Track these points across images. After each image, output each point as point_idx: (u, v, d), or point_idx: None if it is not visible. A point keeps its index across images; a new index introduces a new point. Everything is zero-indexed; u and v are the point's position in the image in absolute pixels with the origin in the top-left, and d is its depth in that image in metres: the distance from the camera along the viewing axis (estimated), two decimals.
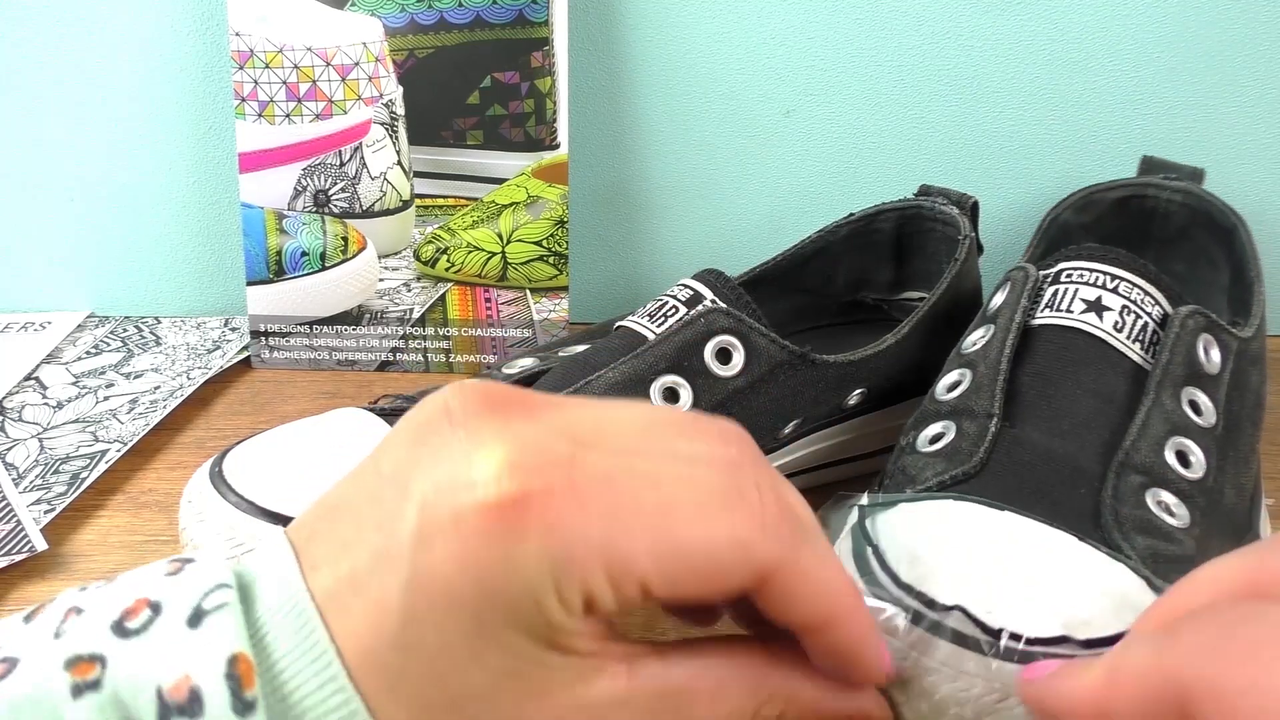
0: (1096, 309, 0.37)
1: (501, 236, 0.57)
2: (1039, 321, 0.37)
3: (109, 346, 0.59)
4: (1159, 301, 0.37)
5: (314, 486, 0.25)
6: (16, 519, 0.43)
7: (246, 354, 0.58)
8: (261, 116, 0.55)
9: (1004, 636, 0.26)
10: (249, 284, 0.57)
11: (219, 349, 0.59)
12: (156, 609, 0.21)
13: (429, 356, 0.58)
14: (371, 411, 0.42)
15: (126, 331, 0.61)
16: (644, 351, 0.39)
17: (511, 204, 0.56)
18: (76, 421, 0.51)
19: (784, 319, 0.50)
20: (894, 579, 0.28)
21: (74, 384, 0.55)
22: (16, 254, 0.62)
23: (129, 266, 0.63)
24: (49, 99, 0.59)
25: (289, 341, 0.58)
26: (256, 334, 0.58)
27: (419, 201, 0.57)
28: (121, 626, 0.21)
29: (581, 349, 0.42)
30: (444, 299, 0.58)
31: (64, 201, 0.61)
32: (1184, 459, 0.33)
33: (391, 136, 0.56)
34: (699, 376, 0.39)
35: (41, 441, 0.49)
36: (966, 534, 0.30)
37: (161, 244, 0.63)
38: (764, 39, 0.58)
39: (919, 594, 0.28)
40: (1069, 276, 0.38)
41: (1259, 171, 0.59)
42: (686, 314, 0.41)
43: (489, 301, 0.58)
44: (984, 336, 0.38)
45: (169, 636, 0.21)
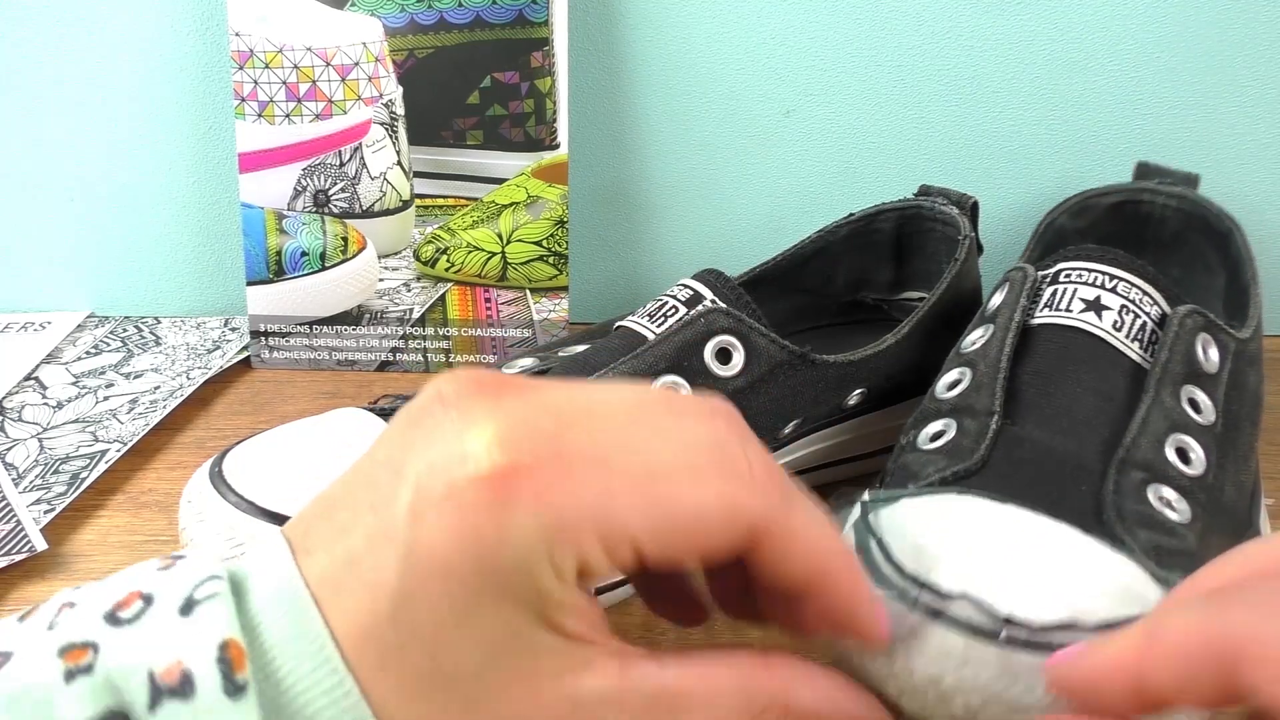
0: (1096, 308, 0.37)
1: (501, 236, 0.57)
2: (1038, 321, 0.38)
3: (109, 346, 0.60)
4: (1157, 301, 0.37)
5: (313, 487, 0.26)
6: (16, 519, 0.43)
7: (246, 354, 0.58)
8: (261, 116, 0.55)
9: (1012, 623, 0.26)
10: (249, 284, 0.57)
11: (219, 349, 0.59)
12: (148, 600, 0.22)
13: (429, 356, 0.58)
14: (371, 411, 0.42)
15: (126, 331, 0.61)
16: (644, 351, 0.39)
17: (511, 204, 0.56)
18: (76, 421, 0.51)
19: (784, 319, 0.50)
20: (898, 570, 0.28)
21: (74, 384, 0.55)
22: (16, 254, 0.62)
23: (129, 266, 0.63)
24: (49, 99, 0.59)
25: (289, 341, 0.58)
26: (256, 334, 0.58)
27: (419, 201, 0.57)
28: (114, 616, 0.21)
29: (581, 349, 0.42)
30: (444, 299, 0.58)
31: (64, 201, 0.61)
32: (1184, 456, 0.33)
33: (391, 136, 0.56)
34: (699, 376, 0.39)
35: (41, 441, 0.49)
36: (970, 526, 0.30)
37: (161, 244, 0.63)
38: (764, 39, 0.58)
39: (925, 583, 0.28)
40: (1068, 276, 0.38)
41: (1259, 171, 0.59)
42: (686, 314, 0.41)
43: (489, 301, 0.58)
44: (983, 336, 0.38)
45: (161, 624, 0.21)
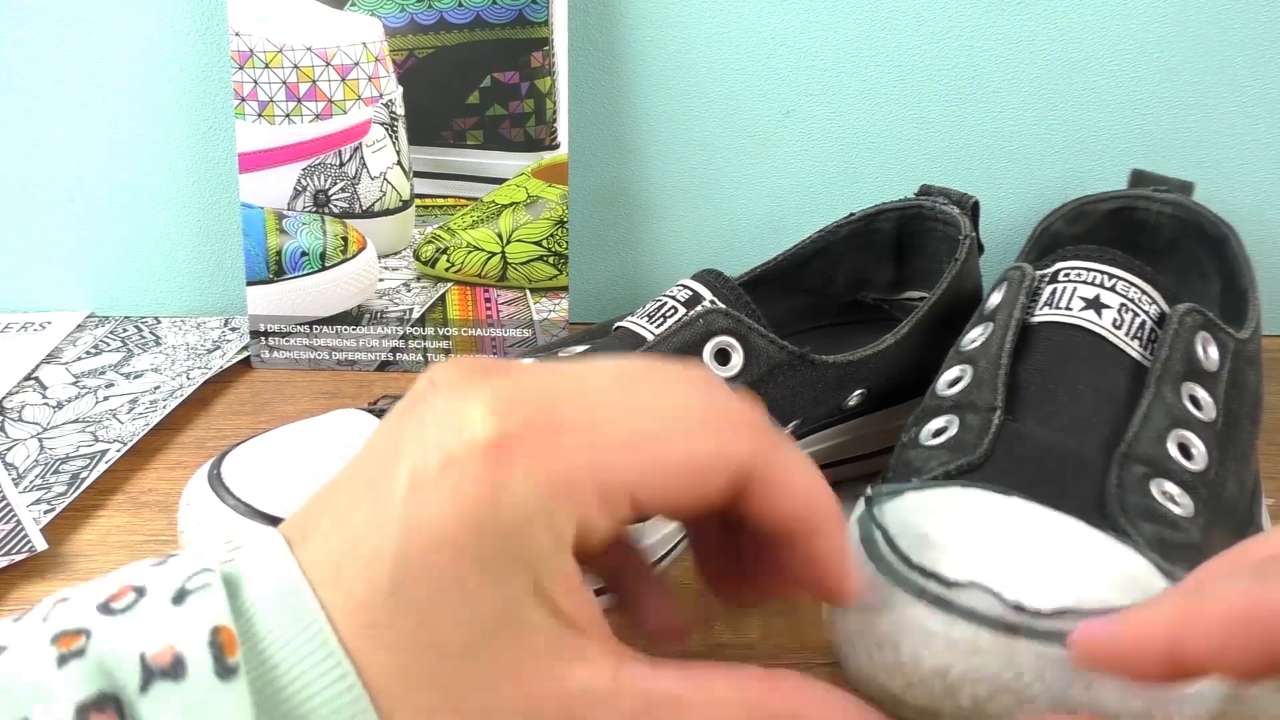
0: (1095, 306, 0.37)
1: (501, 236, 0.57)
2: (1038, 319, 0.38)
3: (109, 346, 0.60)
4: (1156, 300, 0.37)
5: (312, 489, 0.26)
6: (16, 519, 0.43)
7: (246, 354, 0.58)
8: (261, 116, 0.55)
9: (1020, 611, 0.26)
10: (249, 284, 0.57)
11: (219, 349, 0.59)
12: (141, 592, 0.22)
13: (429, 357, 0.58)
14: (370, 413, 0.42)
15: (126, 331, 0.61)
16: (643, 352, 0.39)
17: (511, 204, 0.56)
18: (76, 421, 0.51)
19: (784, 319, 0.50)
20: (905, 560, 0.28)
21: (74, 384, 0.55)
22: (16, 254, 0.63)
23: (129, 266, 0.63)
24: (49, 99, 0.59)
25: (289, 341, 0.58)
26: (256, 334, 0.58)
27: (419, 201, 0.57)
28: (107, 606, 0.22)
29: (581, 349, 0.42)
30: (444, 299, 0.58)
31: (64, 201, 0.61)
32: (1186, 451, 0.33)
33: (391, 136, 0.56)
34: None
35: (41, 441, 0.49)
36: (976, 517, 0.30)
37: (161, 244, 0.63)
38: (764, 39, 0.58)
39: (931, 573, 0.28)
40: (1067, 275, 0.38)
41: (1259, 172, 0.59)
42: (685, 314, 0.41)
43: (489, 301, 0.58)
44: (983, 334, 0.38)
45: (153, 612, 0.21)
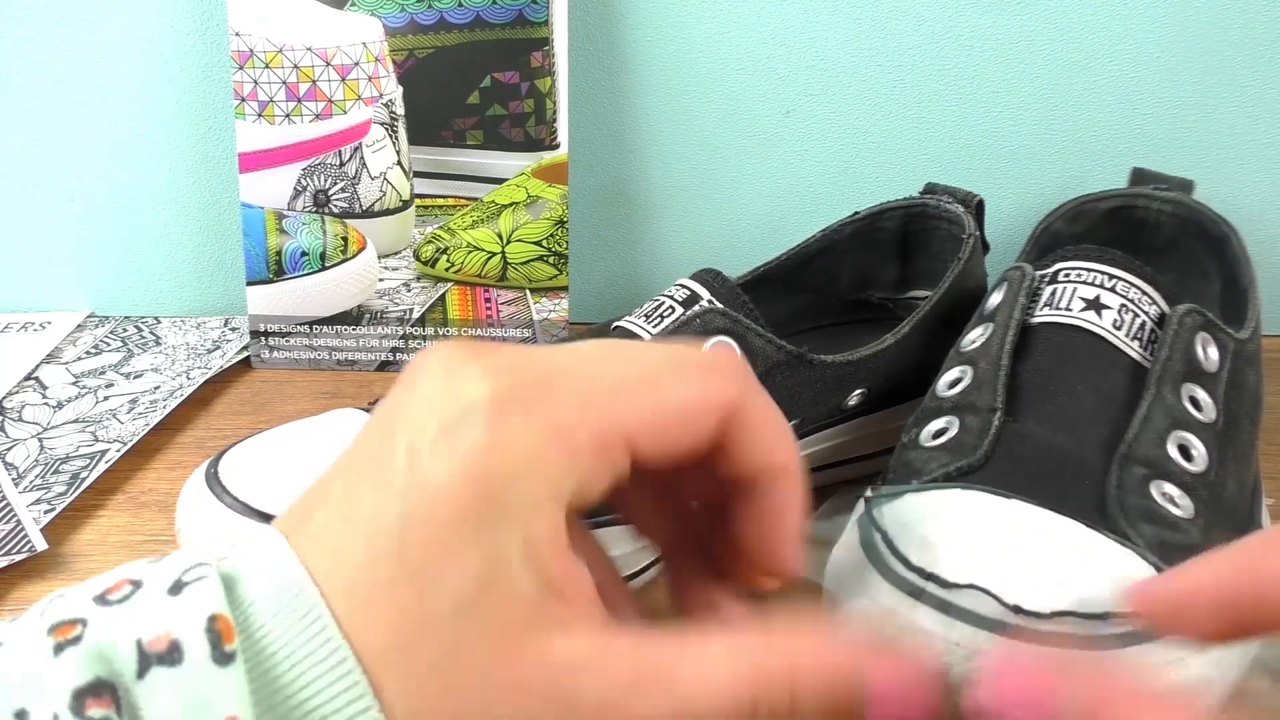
0: (1095, 307, 0.37)
1: (501, 236, 0.57)
2: (1038, 320, 0.37)
3: (109, 346, 0.60)
4: (1156, 301, 0.37)
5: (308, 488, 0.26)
6: (16, 519, 0.43)
7: (246, 354, 0.58)
8: (261, 116, 0.55)
9: (1020, 612, 0.26)
10: (249, 284, 0.57)
11: (219, 349, 0.59)
12: (138, 585, 0.22)
13: None
14: (368, 413, 0.42)
15: (126, 331, 0.61)
16: None
17: (511, 204, 0.56)
18: (76, 421, 0.51)
19: (788, 318, 0.50)
20: (905, 562, 0.28)
21: (74, 384, 0.55)
22: (16, 254, 0.63)
23: (129, 266, 0.63)
24: (49, 99, 0.59)
25: (289, 341, 0.58)
26: (256, 334, 0.58)
27: (419, 201, 0.57)
28: (103, 598, 0.22)
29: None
30: (444, 299, 0.58)
31: (64, 201, 0.61)
32: (1186, 452, 0.33)
33: (391, 136, 0.56)
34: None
35: (41, 441, 0.49)
36: (975, 520, 0.30)
37: (161, 244, 0.63)
38: (764, 39, 0.58)
39: (931, 575, 0.28)
40: (1067, 276, 0.38)
41: (1259, 172, 0.59)
42: (683, 314, 0.41)
43: (489, 301, 0.58)
44: (983, 334, 0.38)
45: (150, 602, 0.22)
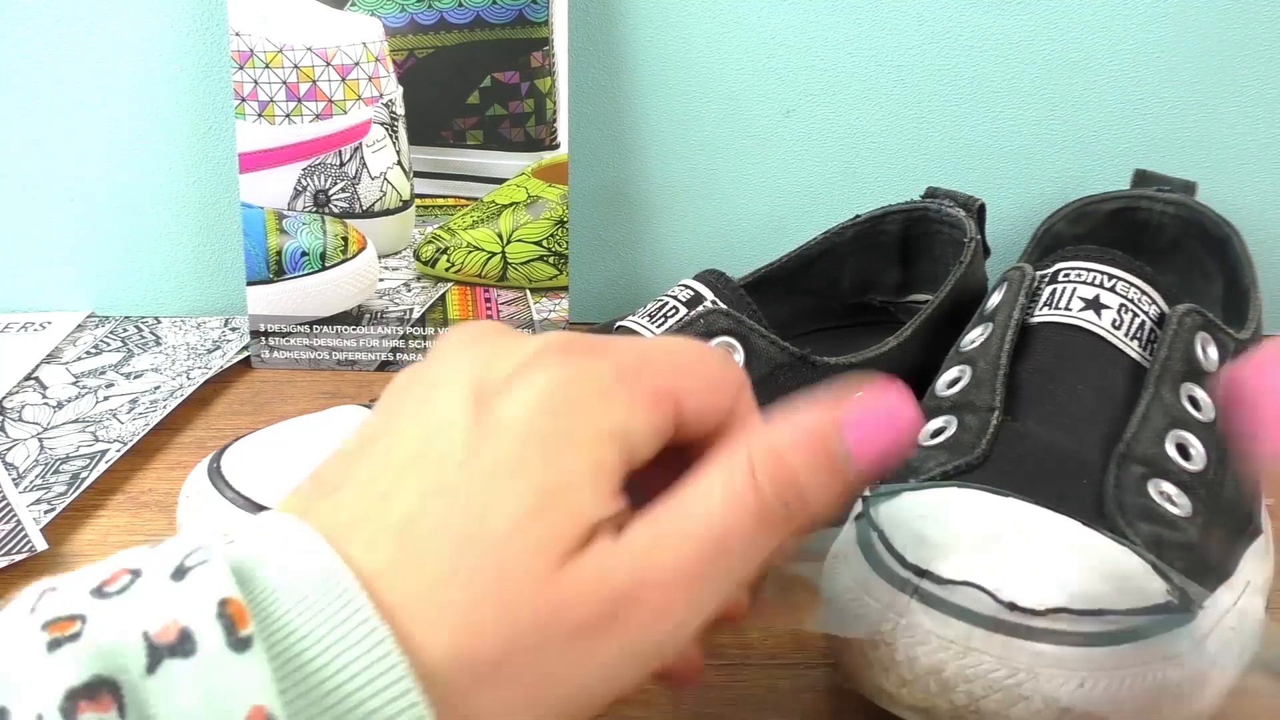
0: (1095, 307, 0.37)
1: (501, 236, 0.57)
2: (1037, 319, 0.38)
3: (109, 346, 0.60)
4: (1156, 301, 0.37)
5: None
6: (16, 519, 0.43)
7: (246, 354, 0.58)
8: (261, 116, 0.55)
9: (1015, 610, 0.26)
10: (249, 284, 0.57)
11: (219, 349, 0.59)
12: (137, 574, 0.21)
13: None
14: (370, 409, 0.42)
15: (126, 331, 0.61)
16: None
17: (511, 204, 0.56)
18: (76, 421, 0.51)
19: (789, 320, 0.50)
20: (900, 560, 0.28)
21: (74, 384, 0.55)
22: (16, 254, 0.62)
23: (129, 266, 0.63)
24: (49, 99, 0.59)
25: (289, 341, 0.58)
26: (256, 334, 0.58)
27: (419, 201, 0.57)
28: (101, 590, 0.20)
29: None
30: (444, 299, 0.58)
31: (64, 201, 0.61)
32: (1184, 452, 0.33)
33: (391, 136, 0.56)
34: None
35: (41, 441, 0.49)
36: (972, 518, 0.30)
37: (161, 244, 0.63)
38: (764, 39, 0.58)
39: (926, 572, 0.28)
40: (1066, 276, 0.38)
41: (1259, 172, 0.59)
42: (686, 315, 0.41)
43: (489, 301, 0.58)
44: (982, 334, 0.38)
45: (152, 591, 0.20)
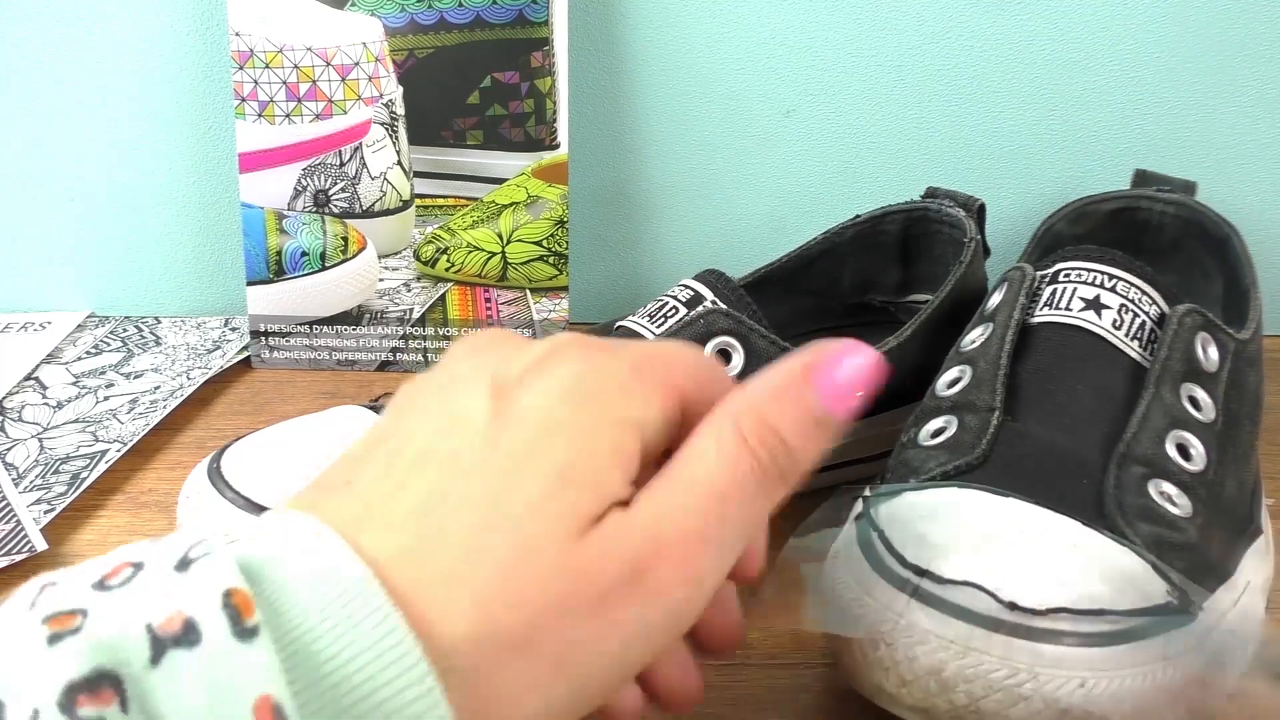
0: (1095, 307, 0.37)
1: (501, 236, 0.57)
2: (1038, 320, 0.38)
3: (109, 346, 0.60)
4: (1156, 301, 0.37)
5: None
6: (16, 519, 0.43)
7: (246, 354, 0.58)
8: (261, 116, 0.55)
9: (1015, 609, 0.26)
10: (249, 284, 0.57)
11: (219, 349, 0.59)
12: (139, 566, 0.20)
13: (429, 357, 0.58)
14: (371, 409, 0.42)
15: (126, 331, 0.61)
16: None
17: (511, 204, 0.56)
18: (76, 421, 0.51)
19: (789, 320, 0.50)
20: (900, 560, 0.28)
21: (74, 384, 0.55)
22: (16, 254, 0.62)
23: (129, 266, 0.63)
24: (49, 99, 0.59)
25: (289, 341, 0.58)
26: (256, 334, 0.58)
27: (419, 201, 0.57)
28: (102, 584, 0.20)
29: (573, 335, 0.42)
30: (444, 299, 0.58)
31: (64, 201, 0.61)
32: (1184, 452, 0.33)
33: (391, 136, 0.56)
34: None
35: (41, 441, 0.49)
36: (972, 518, 0.30)
37: (161, 244, 0.63)
38: (764, 39, 0.58)
39: (926, 571, 0.28)
40: (1067, 276, 0.38)
41: (1259, 172, 0.59)
42: (686, 315, 0.41)
43: (489, 301, 0.58)
44: (983, 334, 0.38)
45: (155, 583, 0.20)
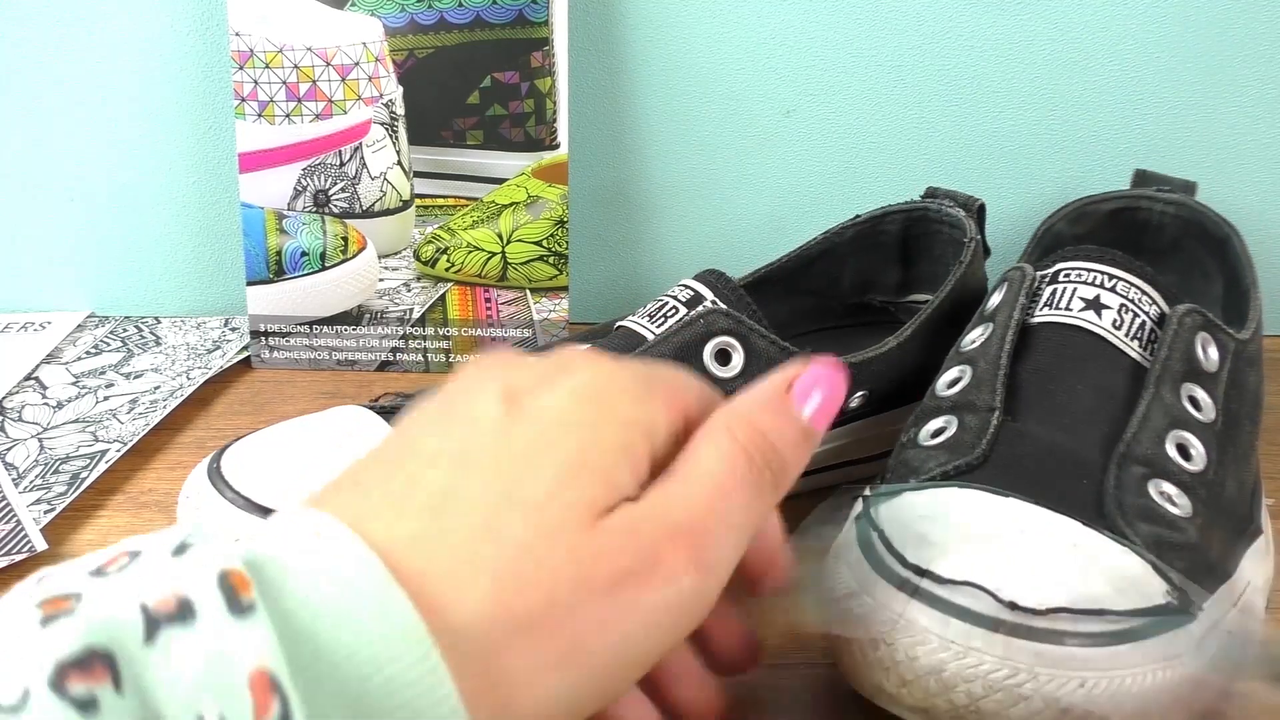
0: (1095, 307, 0.37)
1: (501, 236, 0.57)
2: (1038, 320, 0.38)
3: (109, 346, 0.60)
4: (1156, 301, 0.37)
5: (312, 484, 0.25)
6: (16, 519, 0.43)
7: (246, 354, 0.58)
8: (261, 116, 0.55)
9: (1015, 609, 0.26)
10: (249, 284, 0.57)
11: (219, 349, 0.59)
12: (136, 555, 0.20)
13: (429, 356, 0.58)
14: (371, 409, 0.42)
15: (126, 331, 0.61)
16: (643, 352, 0.39)
17: (511, 204, 0.56)
18: (76, 421, 0.51)
19: (789, 320, 0.50)
20: (901, 560, 0.28)
21: (74, 384, 0.55)
22: (16, 254, 0.62)
23: (129, 266, 0.63)
24: (49, 99, 0.59)
25: (289, 341, 0.58)
26: (256, 334, 0.58)
27: (419, 201, 0.57)
28: (100, 571, 0.20)
29: (583, 349, 0.42)
30: (444, 299, 0.58)
31: (64, 201, 0.61)
32: (1184, 452, 0.33)
33: (391, 136, 0.56)
34: (698, 377, 0.39)
35: (41, 441, 0.49)
36: (972, 517, 0.30)
37: (161, 244, 0.63)
38: (764, 39, 0.58)
39: (926, 571, 0.28)
40: (1067, 276, 0.38)
41: (1260, 172, 0.59)
42: (686, 315, 0.41)
43: (489, 301, 0.58)
44: (983, 334, 0.38)
45: (152, 566, 0.19)
